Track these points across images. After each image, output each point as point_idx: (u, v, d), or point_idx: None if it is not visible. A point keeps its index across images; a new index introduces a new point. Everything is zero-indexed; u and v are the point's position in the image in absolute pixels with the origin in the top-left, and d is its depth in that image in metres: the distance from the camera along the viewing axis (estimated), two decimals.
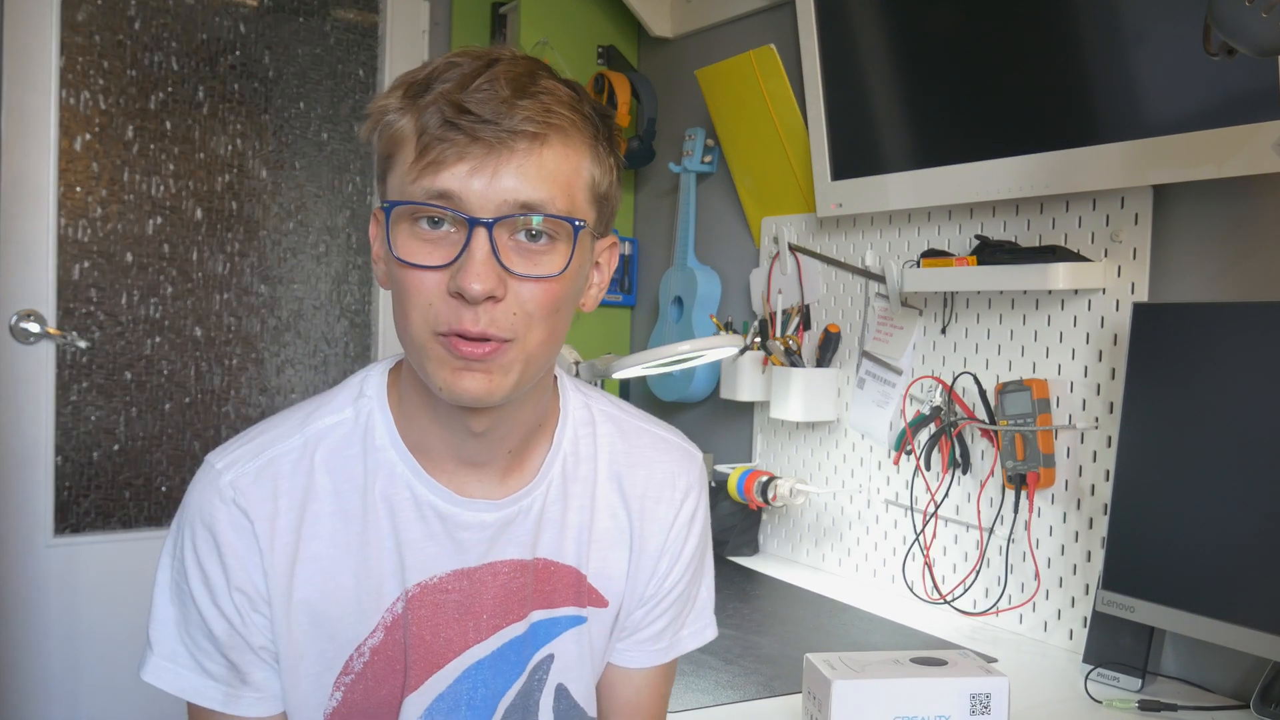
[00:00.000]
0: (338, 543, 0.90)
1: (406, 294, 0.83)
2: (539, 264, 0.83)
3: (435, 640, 0.93)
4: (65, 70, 2.24)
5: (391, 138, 0.84)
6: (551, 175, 0.83)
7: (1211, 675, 1.36)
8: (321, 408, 0.94)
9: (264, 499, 0.89)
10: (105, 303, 2.31)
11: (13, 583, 2.21)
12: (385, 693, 0.93)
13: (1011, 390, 1.56)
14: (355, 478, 0.91)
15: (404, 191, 0.82)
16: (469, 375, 0.83)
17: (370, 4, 2.59)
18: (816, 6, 1.87)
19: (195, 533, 0.89)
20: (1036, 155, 1.52)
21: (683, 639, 1.06)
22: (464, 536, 0.92)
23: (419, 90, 0.83)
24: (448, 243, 0.82)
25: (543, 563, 0.96)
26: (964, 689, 1.07)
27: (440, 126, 0.80)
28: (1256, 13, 1.00)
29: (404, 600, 0.91)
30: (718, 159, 2.27)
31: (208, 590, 0.89)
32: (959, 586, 1.67)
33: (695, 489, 1.05)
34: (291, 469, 0.90)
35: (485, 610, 0.94)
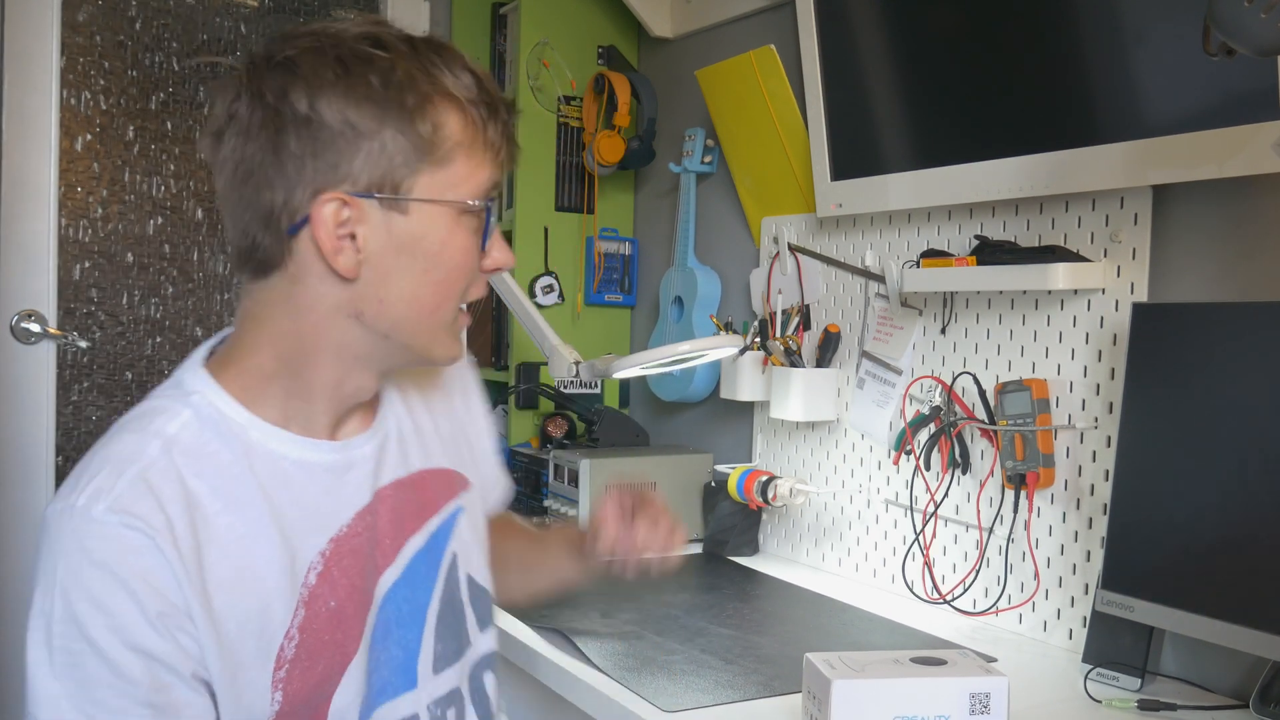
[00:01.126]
0: (237, 537, 0.88)
1: (460, 275, 0.93)
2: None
3: (361, 583, 0.96)
4: (66, 70, 2.24)
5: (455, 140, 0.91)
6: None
7: (1211, 675, 1.36)
8: (157, 417, 0.89)
9: (153, 511, 0.84)
10: (106, 303, 2.31)
11: (13, 583, 2.21)
12: (322, 669, 0.93)
13: (1011, 390, 1.56)
14: (227, 469, 0.89)
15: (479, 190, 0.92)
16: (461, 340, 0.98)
17: (370, 4, 2.59)
18: (816, 6, 1.87)
19: (83, 581, 0.81)
20: (1036, 155, 1.52)
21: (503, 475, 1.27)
22: (352, 477, 0.97)
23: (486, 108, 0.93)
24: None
25: (419, 474, 1.05)
26: (964, 689, 1.07)
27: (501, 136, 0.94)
28: (1256, 13, 1.00)
29: (321, 563, 0.93)
30: (718, 159, 2.27)
31: (116, 633, 0.81)
32: (959, 586, 1.67)
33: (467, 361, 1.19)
34: (163, 478, 0.85)
35: (387, 535, 0.99)
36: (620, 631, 1.50)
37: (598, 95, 2.46)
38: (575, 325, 2.54)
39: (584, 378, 1.91)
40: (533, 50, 2.49)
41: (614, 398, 2.57)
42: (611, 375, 1.89)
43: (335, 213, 0.87)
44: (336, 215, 0.87)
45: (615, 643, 1.45)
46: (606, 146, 2.41)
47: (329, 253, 0.88)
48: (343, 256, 0.88)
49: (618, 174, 2.54)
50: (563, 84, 2.51)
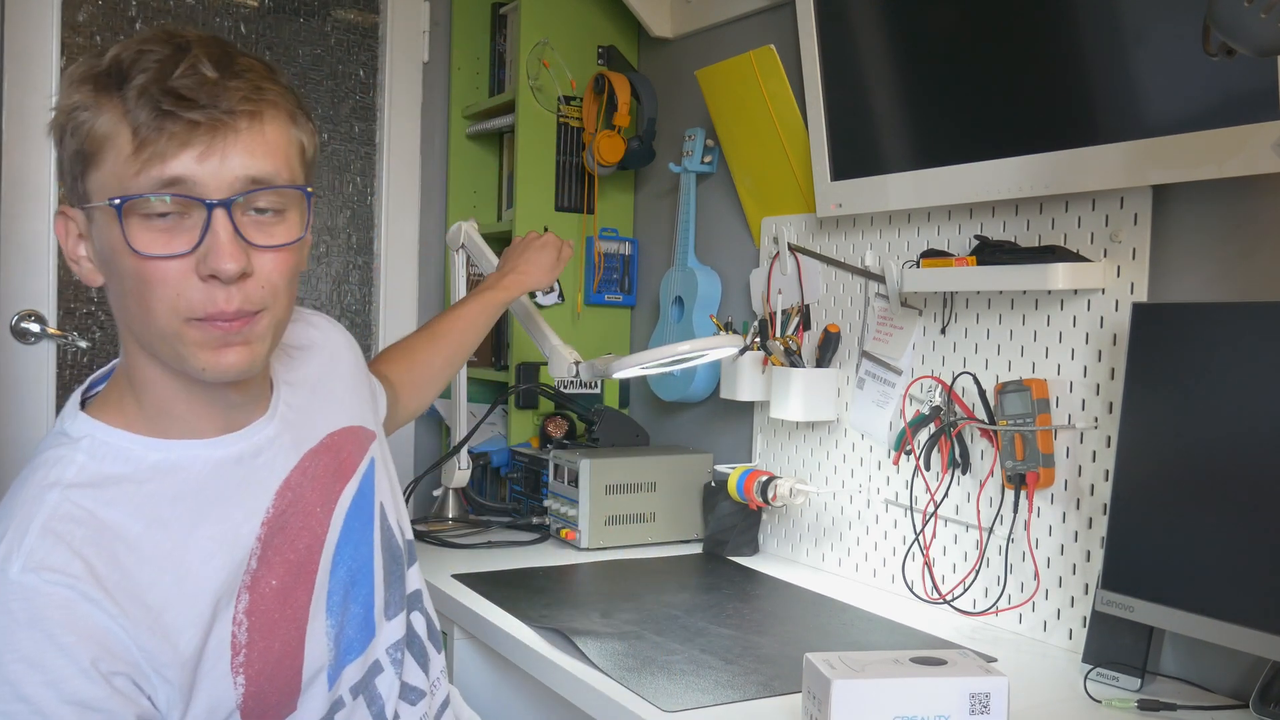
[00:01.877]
0: (168, 550, 0.88)
1: (149, 286, 0.84)
2: (275, 235, 0.87)
3: (298, 555, 0.99)
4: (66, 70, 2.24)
5: (92, 135, 0.83)
6: (273, 148, 0.86)
7: (1211, 675, 1.36)
8: (48, 472, 0.89)
9: (69, 559, 0.83)
10: (106, 303, 2.31)
11: None
12: (279, 646, 0.95)
13: (1011, 390, 1.56)
14: (137, 492, 0.89)
15: (126, 186, 0.82)
16: (230, 351, 0.87)
17: (370, 4, 2.59)
18: (816, 6, 1.87)
19: (13, 643, 0.80)
20: (1036, 155, 1.52)
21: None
22: (263, 460, 0.98)
23: (112, 81, 0.83)
24: (182, 229, 0.83)
25: (328, 438, 1.06)
26: (964, 689, 1.07)
27: (155, 116, 0.81)
28: (1256, 13, 1.00)
29: (259, 547, 0.95)
30: (718, 159, 2.27)
31: (53, 688, 0.80)
32: (959, 586, 1.67)
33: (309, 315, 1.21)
34: (71, 523, 0.85)
35: (316, 504, 1.02)
36: (620, 631, 1.50)
37: (598, 95, 2.46)
38: (575, 325, 2.54)
39: (584, 378, 1.91)
40: (533, 50, 2.49)
41: (614, 398, 2.57)
42: (611, 375, 1.89)
43: (58, 224, 0.91)
44: (58, 226, 0.91)
45: (615, 643, 1.45)
46: (606, 146, 2.41)
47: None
48: (78, 268, 0.91)
49: (618, 174, 2.54)
50: (563, 84, 2.51)
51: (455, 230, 2.08)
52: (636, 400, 2.57)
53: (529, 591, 1.71)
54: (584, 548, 2.03)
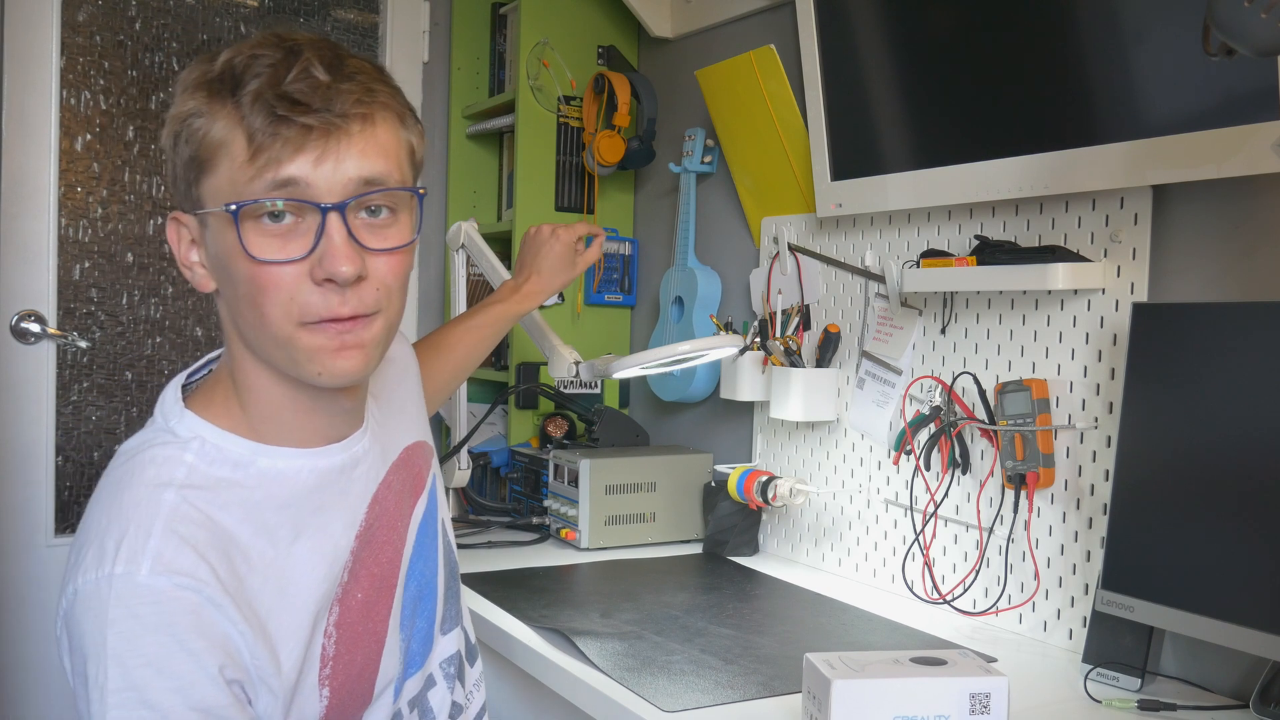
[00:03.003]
0: (272, 558, 0.90)
1: (264, 291, 0.83)
2: (389, 237, 0.87)
3: (382, 569, 1.00)
4: (66, 70, 2.24)
5: (206, 141, 0.83)
6: (385, 150, 0.86)
7: (1211, 675, 1.36)
8: (159, 470, 0.87)
9: (195, 562, 0.83)
10: (106, 303, 2.31)
11: (13, 583, 2.21)
12: (361, 659, 0.95)
13: (1011, 390, 1.56)
14: (247, 500, 0.89)
15: (241, 191, 0.82)
16: (346, 354, 0.86)
17: (370, 4, 2.59)
18: (816, 6, 1.87)
19: (139, 648, 0.80)
20: (1036, 155, 1.52)
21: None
22: (359, 473, 0.99)
23: (226, 89, 0.83)
24: (298, 233, 0.83)
25: (404, 452, 1.08)
26: (964, 689, 1.07)
27: (270, 121, 0.81)
28: (1256, 13, 1.00)
29: (351, 560, 0.96)
30: (718, 159, 2.27)
31: (179, 694, 0.81)
32: (959, 586, 1.67)
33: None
34: (191, 525, 0.85)
35: (397, 518, 1.03)
36: (620, 631, 1.50)
37: (598, 95, 2.46)
38: (575, 325, 2.54)
39: (584, 378, 1.91)
40: (533, 50, 2.49)
41: (614, 398, 2.57)
42: (611, 375, 1.89)
43: (170, 230, 0.91)
44: (171, 232, 0.91)
45: (615, 643, 1.45)
46: (606, 146, 2.41)
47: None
48: (190, 274, 0.92)
49: (618, 174, 2.54)
50: (563, 84, 2.51)
51: (455, 230, 2.08)
52: (636, 400, 2.57)
53: (529, 591, 1.71)
54: (584, 548, 2.03)
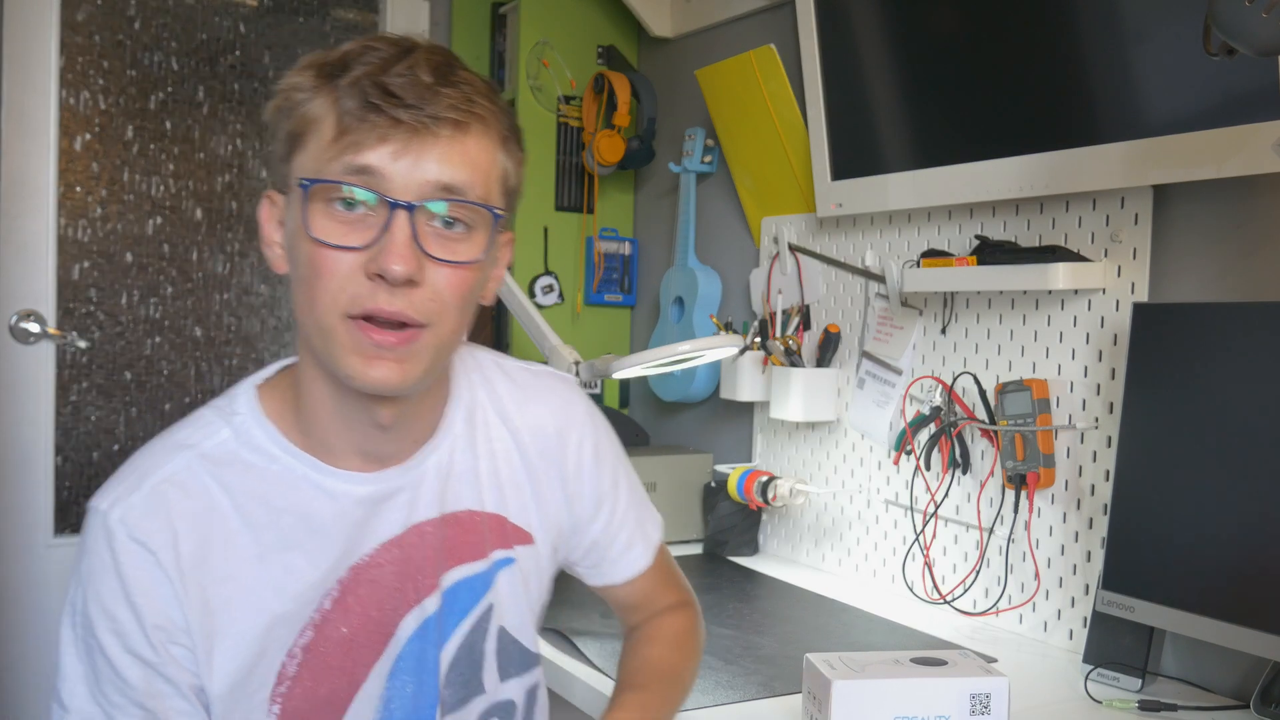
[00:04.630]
0: (250, 556, 0.88)
1: (318, 275, 0.82)
2: (456, 250, 0.84)
3: (380, 613, 0.94)
4: (65, 70, 2.24)
5: (303, 117, 0.83)
6: (473, 163, 0.84)
7: (1211, 675, 1.36)
8: (195, 431, 0.91)
9: (159, 528, 0.86)
10: (105, 303, 2.31)
11: (13, 583, 2.21)
12: (325, 692, 0.92)
13: (1011, 390, 1.56)
14: (255, 489, 0.89)
15: (320, 170, 0.81)
16: (381, 363, 0.83)
17: (370, 4, 2.59)
18: (816, 6, 1.87)
19: (97, 581, 0.86)
20: (1036, 155, 1.52)
21: (649, 535, 1.14)
22: (385, 509, 0.93)
23: (334, 71, 0.83)
24: (364, 225, 0.81)
25: (466, 514, 0.98)
26: (964, 689, 1.07)
27: (362, 107, 0.80)
28: (1256, 13, 1.00)
29: (339, 589, 0.92)
30: (718, 159, 2.27)
31: (118, 637, 0.85)
32: (959, 586, 1.67)
33: (578, 407, 1.08)
34: (181, 491, 0.87)
35: (420, 571, 0.95)
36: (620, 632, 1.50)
37: (597, 95, 2.46)
38: (575, 325, 2.53)
39: (584, 378, 1.91)
40: (532, 50, 2.49)
41: (614, 398, 2.57)
42: (611, 375, 1.89)
43: (263, 206, 0.90)
44: (263, 209, 0.90)
45: (615, 643, 1.45)
46: (606, 146, 2.41)
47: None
48: (270, 252, 0.90)
49: (618, 174, 2.54)
50: (562, 84, 2.51)
51: None
52: (636, 400, 2.57)
53: None
54: None
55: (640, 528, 1.13)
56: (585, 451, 1.07)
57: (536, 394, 1.06)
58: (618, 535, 1.11)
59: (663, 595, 1.17)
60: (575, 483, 1.06)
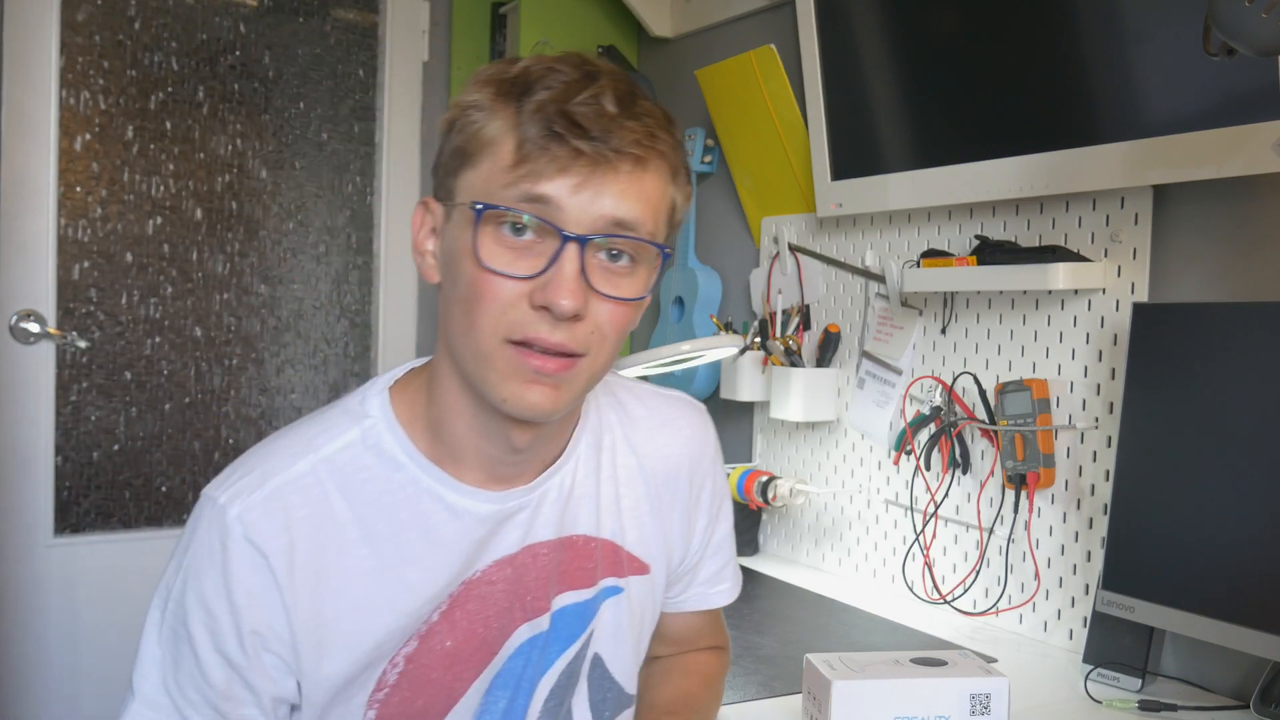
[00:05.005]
0: (367, 569, 0.87)
1: (481, 299, 0.81)
2: (620, 286, 0.83)
3: (487, 630, 0.92)
4: (65, 70, 2.24)
5: (477, 136, 0.82)
6: (648, 199, 0.82)
7: (1211, 675, 1.36)
8: (323, 432, 0.90)
9: (276, 532, 0.84)
10: (105, 303, 2.31)
11: (13, 583, 2.21)
12: (423, 703, 0.91)
13: (1011, 390, 1.56)
14: (378, 499, 0.88)
15: (493, 194, 0.80)
16: (538, 388, 0.82)
17: (370, 4, 2.59)
18: (816, 6, 1.87)
19: (200, 572, 0.85)
20: (1036, 155, 1.52)
21: (736, 576, 1.13)
22: (504, 528, 0.92)
23: (516, 91, 0.81)
24: (533, 253, 0.80)
25: (582, 539, 0.96)
26: (964, 689, 1.07)
27: (544, 135, 0.79)
28: (1256, 13, 1.00)
29: (447, 603, 0.90)
30: (718, 159, 2.27)
31: (211, 634, 0.84)
32: (959, 586, 1.67)
33: (709, 439, 1.06)
34: (302, 497, 0.86)
35: (530, 591, 0.94)
36: None
37: None
38: None
39: None
40: (532, 50, 2.48)
41: None
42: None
43: (418, 213, 0.89)
44: (417, 215, 0.89)
45: None
46: None
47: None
48: (421, 260, 0.89)
49: None
50: None
51: None
52: None
53: None
54: None
55: (730, 565, 1.12)
56: (708, 487, 1.06)
57: (668, 421, 1.04)
58: (708, 566, 1.09)
59: (709, 636, 1.16)
60: (694, 515, 1.05)
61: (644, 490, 1.01)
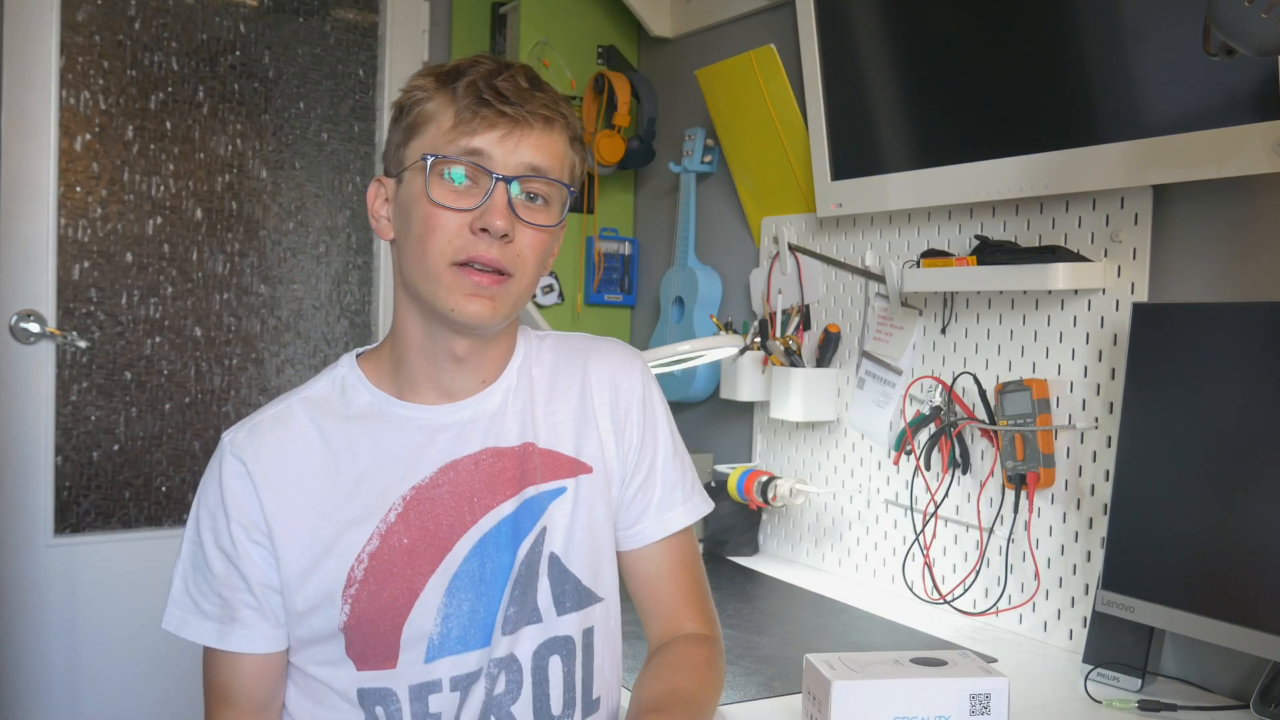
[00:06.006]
0: (326, 473, 1.07)
1: (432, 230, 1.02)
2: (538, 217, 1.05)
3: (438, 528, 1.08)
4: (65, 70, 2.24)
5: (424, 111, 1.05)
6: (556, 151, 1.06)
7: (1211, 675, 1.36)
8: (304, 386, 1.14)
9: (256, 446, 1.07)
10: (105, 303, 2.31)
11: (13, 583, 2.21)
12: (388, 596, 1.06)
13: (1011, 390, 1.56)
14: (337, 419, 1.10)
15: (439, 150, 1.03)
16: (477, 300, 1.03)
17: (370, 4, 2.59)
18: (816, 6, 1.87)
19: (207, 488, 1.08)
20: (1036, 155, 1.52)
21: (691, 504, 1.22)
22: (443, 437, 1.10)
23: (450, 77, 1.05)
24: (471, 194, 1.03)
25: (522, 447, 1.12)
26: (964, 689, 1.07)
27: (475, 102, 1.02)
28: (1256, 13, 1.00)
29: (402, 504, 1.08)
30: (718, 159, 2.27)
31: (213, 532, 1.06)
32: (959, 586, 1.67)
33: (634, 363, 1.22)
34: (279, 423, 1.09)
35: (476, 494, 1.10)
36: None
37: (598, 95, 2.46)
38: (575, 325, 2.53)
39: None
40: (532, 50, 2.49)
41: None
42: None
43: (372, 188, 1.11)
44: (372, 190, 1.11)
45: None
46: (606, 146, 2.41)
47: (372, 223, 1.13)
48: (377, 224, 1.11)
49: (618, 174, 2.53)
50: (562, 84, 2.51)
51: None
52: None
53: None
54: None
55: (680, 489, 1.21)
56: (635, 402, 1.19)
57: (599, 351, 1.21)
58: (657, 488, 1.19)
59: (689, 606, 1.20)
60: (625, 427, 1.18)
61: (576, 404, 1.17)
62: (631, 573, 1.21)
